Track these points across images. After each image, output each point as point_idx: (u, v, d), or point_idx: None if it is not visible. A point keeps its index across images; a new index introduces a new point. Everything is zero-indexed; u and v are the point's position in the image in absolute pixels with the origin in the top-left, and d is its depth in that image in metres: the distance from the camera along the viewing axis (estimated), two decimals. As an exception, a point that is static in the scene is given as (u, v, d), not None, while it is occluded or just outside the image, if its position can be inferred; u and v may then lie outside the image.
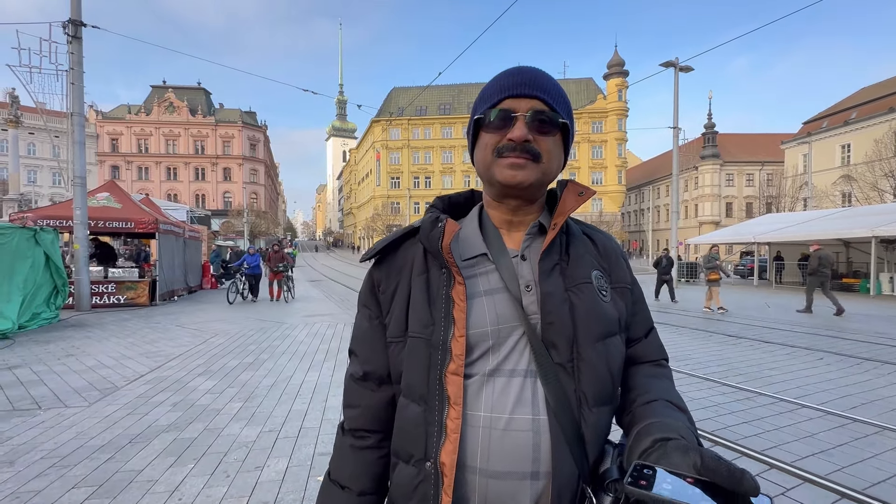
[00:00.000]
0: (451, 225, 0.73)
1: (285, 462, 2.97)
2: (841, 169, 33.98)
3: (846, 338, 7.48)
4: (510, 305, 0.71)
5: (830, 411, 3.93)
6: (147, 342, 6.91)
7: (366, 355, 0.80)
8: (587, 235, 0.83)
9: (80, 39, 10.19)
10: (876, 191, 26.45)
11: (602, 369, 0.70)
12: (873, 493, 2.59)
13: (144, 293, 11.29)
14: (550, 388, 0.68)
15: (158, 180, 54.06)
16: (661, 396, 0.71)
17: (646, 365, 0.80)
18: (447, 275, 0.73)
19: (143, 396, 4.32)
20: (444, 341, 0.70)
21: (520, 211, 0.77)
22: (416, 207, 58.10)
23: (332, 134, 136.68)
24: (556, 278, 0.73)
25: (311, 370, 5.29)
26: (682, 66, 18.02)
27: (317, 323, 8.88)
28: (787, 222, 19.88)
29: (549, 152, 0.72)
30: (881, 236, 14.37)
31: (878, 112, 31.96)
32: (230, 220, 49.43)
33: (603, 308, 0.74)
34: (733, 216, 48.16)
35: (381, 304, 0.79)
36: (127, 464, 2.93)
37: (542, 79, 0.74)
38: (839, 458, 3.03)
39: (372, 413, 0.79)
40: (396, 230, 0.83)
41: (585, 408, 0.69)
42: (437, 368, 0.70)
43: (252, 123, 58.99)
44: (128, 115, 54.21)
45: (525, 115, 0.71)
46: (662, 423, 0.63)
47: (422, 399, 0.71)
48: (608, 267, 0.80)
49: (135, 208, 11.89)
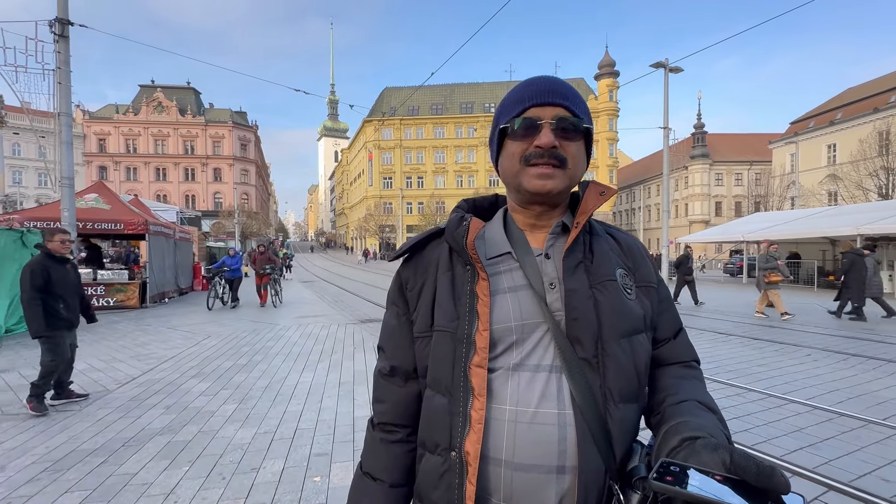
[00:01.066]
0: (476, 223, 0.77)
1: (281, 463, 2.97)
2: (827, 168, 34.56)
3: (833, 334, 7.62)
4: (534, 302, 0.73)
5: (818, 406, 4.01)
6: (138, 345, 6.84)
7: (393, 351, 0.83)
8: (610, 235, 0.85)
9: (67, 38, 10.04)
10: (861, 190, 26.94)
11: (628, 365, 0.71)
12: (859, 485, 2.65)
13: (134, 295, 11.15)
14: (576, 384, 0.68)
15: (147, 181, 53.37)
16: (690, 397, 0.70)
17: (675, 366, 0.80)
18: (472, 271, 0.75)
19: (135, 399, 4.28)
20: (469, 335, 0.72)
21: (544, 215, 0.80)
22: (408, 207, 58.00)
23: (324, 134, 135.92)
24: (580, 275, 0.74)
25: (306, 371, 5.28)
26: (672, 67, 18.19)
27: (310, 324, 8.84)
28: (775, 221, 20.19)
29: (575, 157, 0.75)
30: (866, 234, 14.64)
31: (863, 112, 32.56)
32: (221, 221, 48.94)
33: (628, 305, 0.74)
34: (723, 215, 48.76)
35: (409, 301, 0.82)
36: (121, 467, 2.91)
37: (563, 87, 0.76)
38: (826, 452, 3.10)
39: (400, 408, 0.81)
40: (424, 231, 0.86)
41: (611, 404, 0.69)
42: (461, 361, 0.72)
43: (243, 123, 58.47)
44: (116, 114, 53.43)
45: (551, 122, 0.73)
46: (691, 423, 0.62)
47: (447, 391, 0.73)
48: (633, 266, 0.81)
49: (124, 209, 11.74)
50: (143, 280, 11.48)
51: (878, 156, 26.40)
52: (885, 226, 14.17)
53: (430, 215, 53.32)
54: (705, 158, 50.87)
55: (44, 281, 3.93)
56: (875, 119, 30.36)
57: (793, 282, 18.80)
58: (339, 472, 2.83)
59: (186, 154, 54.67)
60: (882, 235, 15.48)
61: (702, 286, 15.85)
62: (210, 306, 10.79)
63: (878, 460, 2.97)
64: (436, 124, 59.02)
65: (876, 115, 30.95)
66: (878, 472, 2.82)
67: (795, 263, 19.00)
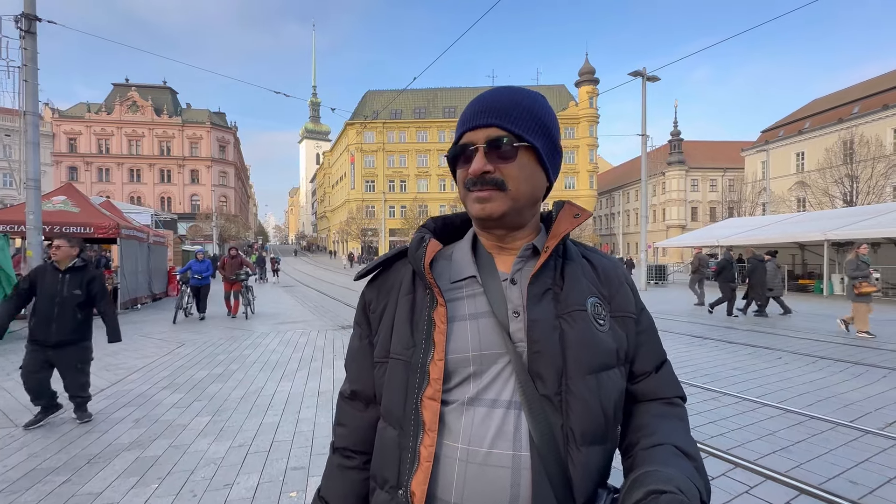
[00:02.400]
0: (434, 245, 0.74)
1: (256, 478, 2.87)
2: (796, 175, 35.91)
3: (803, 337, 7.88)
4: (495, 331, 0.68)
5: (789, 409, 4.12)
6: (107, 354, 6.57)
7: (356, 374, 0.80)
8: (587, 259, 0.79)
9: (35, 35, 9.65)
10: (827, 196, 28.05)
11: (594, 405, 0.66)
12: (828, 487, 2.73)
13: (105, 301, 10.74)
14: (535, 423, 0.63)
15: (121, 182, 51.75)
16: (667, 440, 0.65)
17: (655, 403, 0.74)
18: (430, 296, 0.72)
19: (102, 413, 4.10)
20: (423, 364, 0.68)
21: (507, 237, 0.75)
22: (391, 211, 57.72)
23: (306, 136, 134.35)
24: (546, 304, 0.69)
25: (284, 380, 5.16)
26: (650, 76, 18.65)
27: (289, 331, 8.67)
28: (747, 226, 20.83)
29: (516, 178, 0.70)
30: (832, 239, 15.25)
31: (829, 123, 34.02)
32: (198, 224, 47.74)
33: (598, 338, 0.69)
34: (698, 220, 50.11)
35: (371, 323, 0.79)
36: (84, 486, 2.77)
37: (499, 102, 0.70)
38: (797, 455, 3.18)
39: (359, 433, 0.78)
40: (391, 250, 0.82)
41: (573, 446, 0.64)
42: (413, 392, 0.68)
43: (221, 124, 57.31)
44: (87, 113, 51.69)
45: (483, 146, 0.69)
46: (661, 474, 0.57)
47: (398, 423, 0.69)
48: (608, 294, 0.75)
49: (94, 212, 11.32)
50: (114, 286, 11.08)
51: (843, 164, 27.57)
52: (851, 231, 14.77)
53: (412, 219, 53.22)
54: (682, 165, 52.29)
55: (28, 285, 3.80)
56: (840, 129, 31.73)
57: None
58: (315, 487, 2.75)
59: (162, 155, 53.26)
60: (847, 241, 16.14)
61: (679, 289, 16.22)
62: (175, 320, 9.57)
63: (847, 462, 3.06)
64: (419, 128, 59.05)
65: (840, 125, 32.37)
66: (846, 474, 2.90)
67: (767, 267, 19.61)
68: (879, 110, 30.81)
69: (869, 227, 14.52)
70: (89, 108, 52.38)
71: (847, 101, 34.45)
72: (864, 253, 8.45)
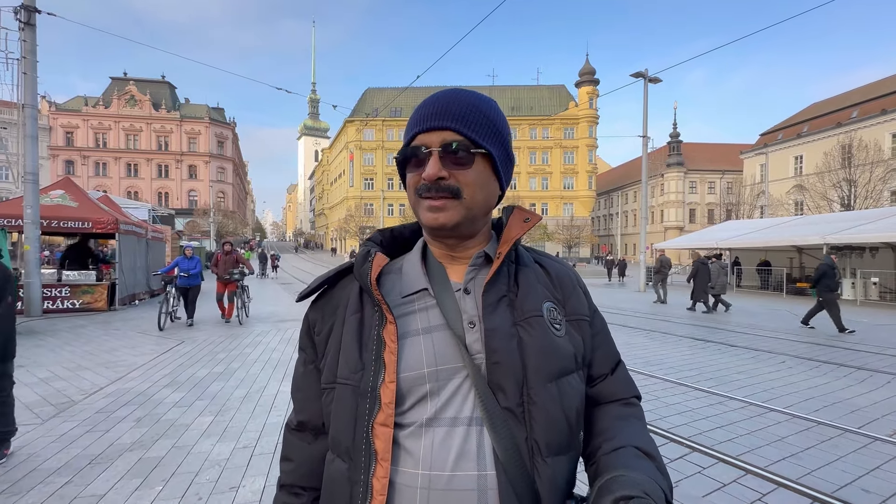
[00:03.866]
0: (380, 259, 0.69)
1: (262, 481, 2.83)
2: (794, 179, 36.05)
3: (804, 341, 7.89)
4: (451, 344, 0.65)
5: (796, 414, 4.10)
6: (106, 351, 6.51)
7: (301, 403, 0.74)
8: (539, 264, 0.77)
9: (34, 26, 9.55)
10: (825, 200, 28.18)
11: (556, 413, 0.64)
12: (841, 495, 2.70)
13: (102, 297, 10.65)
14: (498, 438, 0.61)
15: (118, 177, 51.42)
16: (629, 442, 0.64)
17: (614, 404, 0.74)
18: (379, 313, 0.67)
19: (103, 412, 4.04)
20: (374, 388, 0.63)
21: (459, 246, 0.72)
22: (389, 209, 57.63)
23: (304, 133, 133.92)
24: (502, 312, 0.67)
25: (286, 379, 5.10)
26: (651, 78, 18.65)
27: (290, 328, 8.62)
28: (746, 229, 20.88)
29: (471, 185, 0.66)
30: (832, 243, 15.29)
31: (827, 126, 34.16)
32: (195, 220, 47.55)
33: (556, 343, 0.67)
34: (696, 222, 50.28)
35: (317, 346, 0.73)
36: (87, 488, 2.71)
37: (456, 105, 0.67)
38: (808, 462, 3.16)
39: (307, 467, 0.73)
40: (333, 268, 0.77)
41: (539, 459, 0.62)
42: (364, 419, 0.63)
43: (220, 120, 57.03)
44: (84, 107, 51.31)
45: (438, 150, 0.65)
46: (626, 479, 0.56)
47: (347, 454, 0.64)
48: (562, 297, 0.74)
49: (92, 207, 11.22)
50: (112, 281, 10.99)
51: (841, 168, 27.68)
52: (849, 235, 14.83)
53: (411, 218, 53.04)
54: (680, 167, 52.41)
55: None
56: (838, 133, 31.86)
57: (762, 288, 19.48)
58: (323, 490, 2.71)
59: (160, 150, 52.95)
60: (846, 244, 16.20)
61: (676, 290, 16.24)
62: (161, 326, 8.28)
63: (858, 470, 3.04)
64: (418, 126, 58.94)
65: (839, 129, 32.50)
66: (858, 482, 2.88)
67: (766, 270, 19.69)
68: (878, 115, 30.95)
69: (867, 231, 14.57)
70: (87, 101, 51.99)
71: (846, 106, 34.60)
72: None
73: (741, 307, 13.33)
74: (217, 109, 58.76)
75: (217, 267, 9.42)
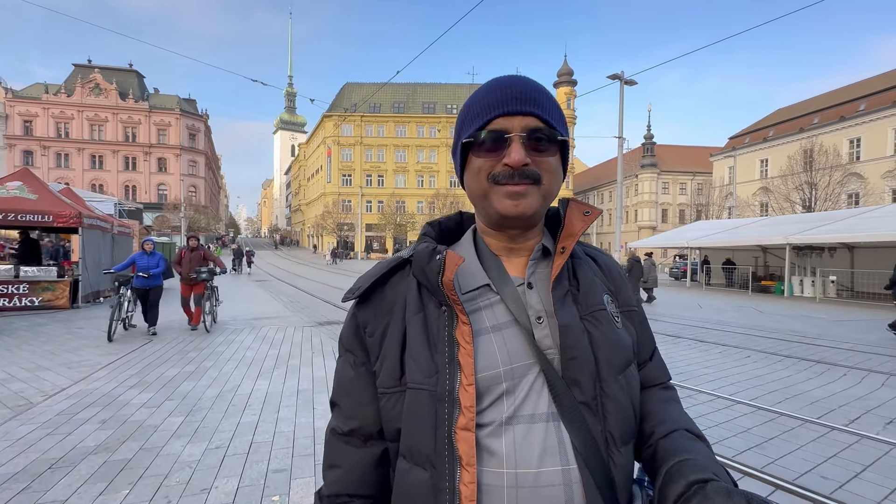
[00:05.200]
0: (453, 257, 0.65)
1: (235, 482, 2.76)
2: (760, 181, 37.56)
3: (769, 336, 8.23)
4: (522, 340, 0.64)
5: (761, 406, 4.28)
6: (68, 350, 6.21)
7: (351, 409, 0.70)
8: (590, 256, 0.77)
9: (-12, 7, 8.98)
10: (788, 202, 29.49)
11: (626, 404, 0.66)
12: (802, 482, 2.84)
13: (64, 294, 10.18)
14: (577, 432, 0.61)
15: (81, 169, 49.14)
16: (679, 426, 0.67)
17: (655, 388, 0.76)
18: (448, 313, 0.65)
19: (64, 413, 3.86)
20: (451, 391, 0.62)
21: (520, 237, 0.71)
22: (367, 206, 57.07)
23: (281, 127, 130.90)
24: (569, 307, 0.67)
25: (261, 378, 5.00)
26: (627, 80, 19.05)
27: (265, 326, 8.43)
28: (714, 229, 21.65)
29: (550, 172, 0.66)
30: (794, 243, 16.02)
31: (791, 132, 35.73)
32: (165, 215, 45.89)
33: (620, 336, 0.69)
34: (668, 222, 51.78)
35: (369, 348, 0.70)
36: (47, 494, 2.59)
37: (535, 91, 0.66)
38: (771, 451, 3.30)
39: (358, 474, 0.69)
40: (381, 262, 0.73)
41: (614, 449, 0.63)
42: (444, 425, 0.61)
43: (191, 111, 55.20)
44: (45, 94, 48.76)
45: (521, 135, 0.64)
46: (694, 463, 0.57)
47: (428, 462, 0.62)
48: (615, 289, 0.75)
49: (53, 199, 10.67)
50: (75, 277, 10.50)
51: (804, 171, 29.01)
52: (810, 236, 15.56)
53: (389, 214, 52.75)
54: (654, 168, 53.82)
55: None
56: (801, 138, 33.37)
57: (728, 286, 20.24)
58: (299, 490, 2.67)
59: (127, 141, 50.89)
60: (806, 245, 17.00)
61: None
62: (111, 335, 6.84)
63: (817, 458, 3.20)
64: (397, 122, 58.53)
65: (801, 134, 34.04)
66: (818, 469, 3.03)
67: (731, 269, 20.46)
68: (837, 122, 32.56)
69: (826, 232, 15.32)
70: (47, 88, 49.42)
71: (808, 112, 36.25)
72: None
73: (710, 304, 13.82)
74: (188, 101, 56.88)
75: (181, 265, 8.12)
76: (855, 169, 30.15)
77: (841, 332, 8.93)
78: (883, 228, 13.66)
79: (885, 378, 5.37)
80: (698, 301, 14.73)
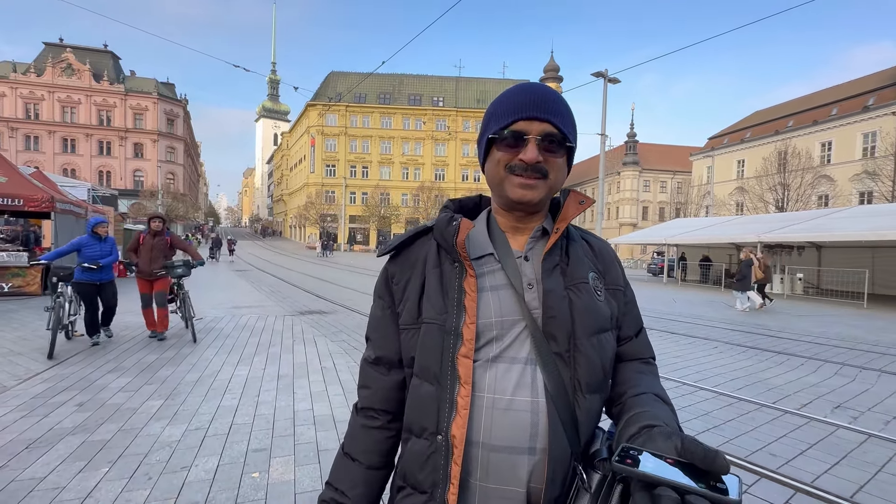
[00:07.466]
0: (466, 224, 0.81)
1: (215, 461, 2.82)
2: (736, 181, 38.61)
3: (736, 329, 8.60)
4: (513, 300, 0.78)
5: (722, 392, 4.53)
6: (41, 336, 6.10)
7: (379, 341, 0.88)
8: (585, 240, 0.92)
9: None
10: (762, 202, 30.45)
11: (595, 360, 0.78)
12: (752, 459, 3.06)
13: (36, 281, 9.92)
14: (549, 375, 0.75)
15: (52, 152, 47.32)
16: (648, 390, 0.78)
17: (635, 362, 0.88)
18: (460, 268, 0.81)
19: (40, 397, 3.84)
20: (457, 327, 0.77)
21: (525, 219, 0.85)
22: (352, 197, 56.58)
23: (263, 115, 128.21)
24: (556, 277, 0.80)
25: (241, 364, 5.03)
26: (611, 78, 19.33)
27: (245, 314, 8.40)
28: (692, 227, 22.25)
29: (556, 170, 0.80)
30: (765, 241, 16.62)
31: (767, 134, 36.76)
32: (141, 202, 44.58)
33: (598, 306, 0.81)
34: (648, 219, 52.82)
35: (395, 294, 0.87)
36: (25, 471, 2.61)
37: (553, 102, 0.79)
38: (727, 432, 3.53)
39: (382, 394, 0.87)
40: (410, 229, 0.91)
41: (580, 394, 0.76)
42: (449, 351, 0.77)
43: (170, 96, 53.56)
44: (12, 73, 46.65)
45: (537, 138, 0.78)
46: (649, 413, 0.69)
47: (435, 379, 0.78)
48: (603, 269, 0.88)
49: (24, 183, 10.35)
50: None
51: (777, 173, 29.97)
52: (780, 235, 16.16)
53: (373, 206, 52.37)
54: (636, 166, 54.71)
55: None
56: (776, 140, 34.39)
57: (703, 282, 20.90)
58: (278, 468, 2.75)
59: (101, 125, 49.15)
60: (777, 243, 17.66)
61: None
62: (52, 351, 5.05)
63: (768, 438, 3.43)
64: (383, 114, 57.94)
65: (776, 136, 35.08)
66: (768, 447, 3.26)
67: (707, 265, 21.11)
68: (810, 125, 33.64)
69: (795, 231, 15.94)
70: (15, 67, 47.26)
71: (783, 115, 37.34)
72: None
73: (685, 299, 14.28)
74: (167, 85, 55.12)
75: (137, 255, 6.16)
76: (825, 171, 31.28)
77: (803, 325, 9.39)
78: (849, 229, 14.29)
79: (838, 367, 5.72)
80: (673, 296, 15.20)
